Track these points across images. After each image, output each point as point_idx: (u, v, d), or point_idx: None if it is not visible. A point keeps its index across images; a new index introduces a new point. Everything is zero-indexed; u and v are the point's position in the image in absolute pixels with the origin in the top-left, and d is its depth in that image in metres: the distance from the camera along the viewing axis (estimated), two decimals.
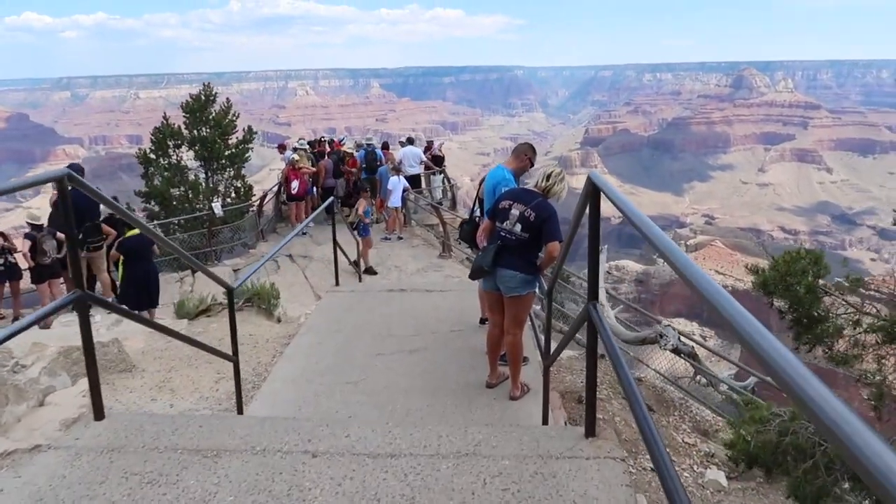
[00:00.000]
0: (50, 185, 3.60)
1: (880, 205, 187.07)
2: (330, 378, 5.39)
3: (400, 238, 14.49)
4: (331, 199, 8.16)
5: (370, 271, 11.78)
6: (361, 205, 12.03)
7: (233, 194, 15.87)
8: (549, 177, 4.75)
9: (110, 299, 8.79)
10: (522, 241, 4.63)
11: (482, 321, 6.51)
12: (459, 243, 6.20)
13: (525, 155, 5.39)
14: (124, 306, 9.12)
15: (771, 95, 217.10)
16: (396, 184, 14.08)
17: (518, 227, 4.61)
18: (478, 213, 6.08)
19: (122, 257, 8.41)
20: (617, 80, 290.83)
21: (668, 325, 6.77)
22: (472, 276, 5.05)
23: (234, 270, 12.88)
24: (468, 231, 6.22)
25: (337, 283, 8.09)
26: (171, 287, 11.95)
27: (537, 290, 4.94)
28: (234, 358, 4.60)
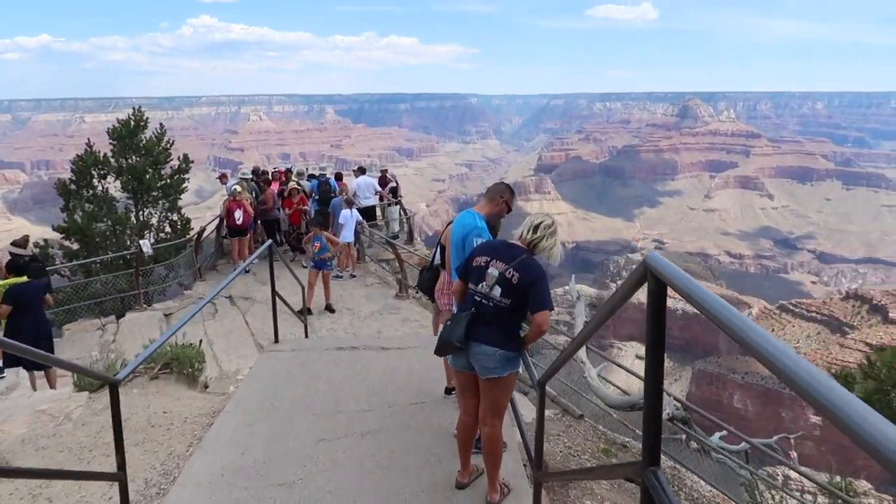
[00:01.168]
0: None
1: (818, 229, 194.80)
2: (257, 479, 4.22)
3: (353, 276, 13.35)
4: (269, 242, 7.00)
5: (330, 309, 11.09)
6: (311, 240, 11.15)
7: (167, 229, 14.45)
8: (535, 228, 3.77)
9: None
10: (502, 309, 3.66)
11: (448, 391, 5.44)
12: (417, 292, 5.20)
13: (501, 197, 4.39)
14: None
15: (715, 125, 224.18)
16: (349, 217, 12.98)
17: (497, 291, 3.64)
18: (438, 259, 5.09)
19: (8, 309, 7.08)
20: (569, 108, 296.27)
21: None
22: (439, 352, 4.00)
23: (166, 315, 11.52)
24: (428, 279, 5.23)
25: (276, 339, 6.92)
26: (90, 337, 10.54)
27: (520, 369, 3.91)
28: (119, 475, 3.41)
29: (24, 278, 7.58)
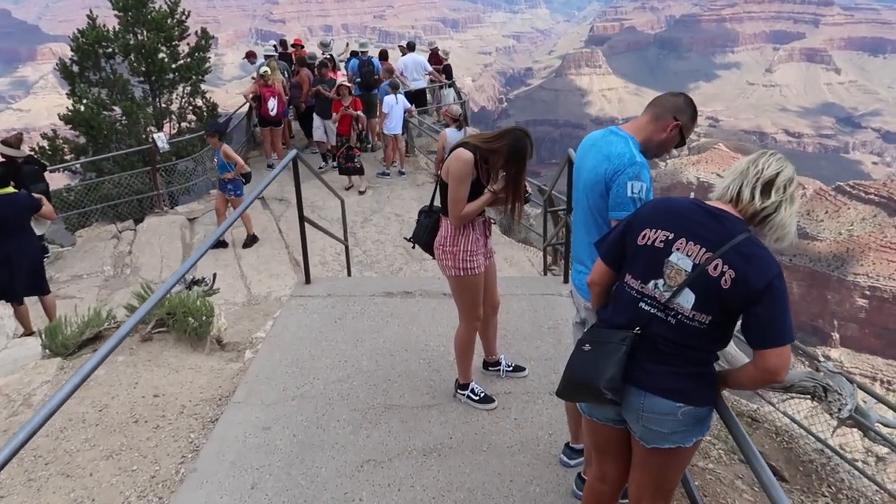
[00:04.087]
0: None
1: (887, 107, 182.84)
2: None
3: (402, 173, 11.61)
4: (293, 153, 5.21)
5: (252, 241, 9.02)
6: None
7: (191, 116, 12.71)
8: (769, 186, 2.02)
9: None
10: (694, 332, 2.02)
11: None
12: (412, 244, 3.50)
13: (674, 119, 2.54)
14: None
15: None
16: (394, 105, 11.07)
17: (688, 299, 2.00)
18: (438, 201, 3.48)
19: None
20: None
21: (839, 372, 4.09)
22: (566, 396, 2.34)
23: (190, 220, 10.10)
24: (425, 227, 3.54)
25: (307, 279, 5.35)
26: (103, 247, 9.21)
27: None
28: None
29: (10, 189, 6.09)
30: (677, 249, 2.00)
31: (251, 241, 9.00)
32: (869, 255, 71.21)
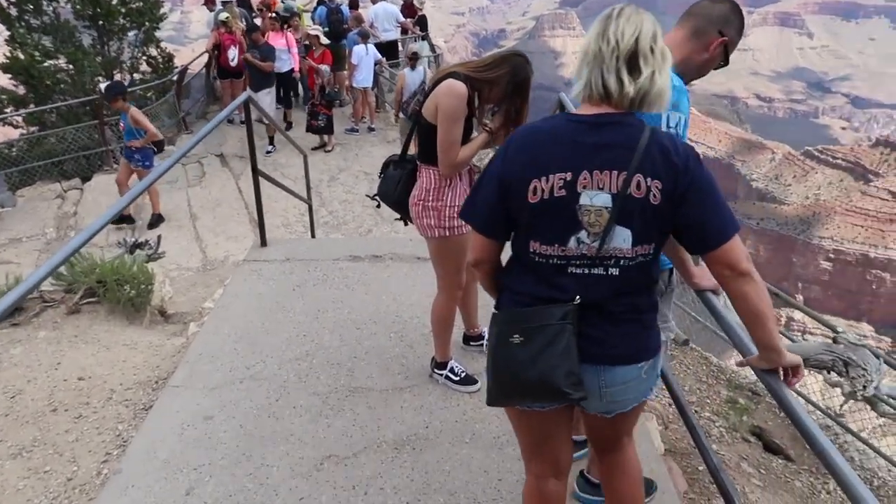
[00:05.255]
0: None
1: (857, 72, 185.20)
2: None
3: (371, 129, 10.93)
4: (246, 94, 4.54)
5: (157, 220, 7.79)
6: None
7: (145, 68, 11.78)
8: (637, 59, 1.58)
9: None
10: (642, 271, 1.67)
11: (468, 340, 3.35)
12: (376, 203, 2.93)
13: (718, 34, 2.04)
14: None
15: None
16: (363, 56, 10.35)
17: (625, 238, 1.60)
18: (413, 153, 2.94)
19: None
20: None
21: (862, 345, 3.65)
22: (504, 402, 1.86)
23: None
24: (398, 181, 2.97)
25: (263, 242, 4.75)
26: (46, 208, 8.44)
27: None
28: None
29: None
30: (584, 188, 1.56)
31: (157, 220, 7.80)
32: (834, 219, 72.39)
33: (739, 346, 1.86)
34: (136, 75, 11.69)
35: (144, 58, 11.83)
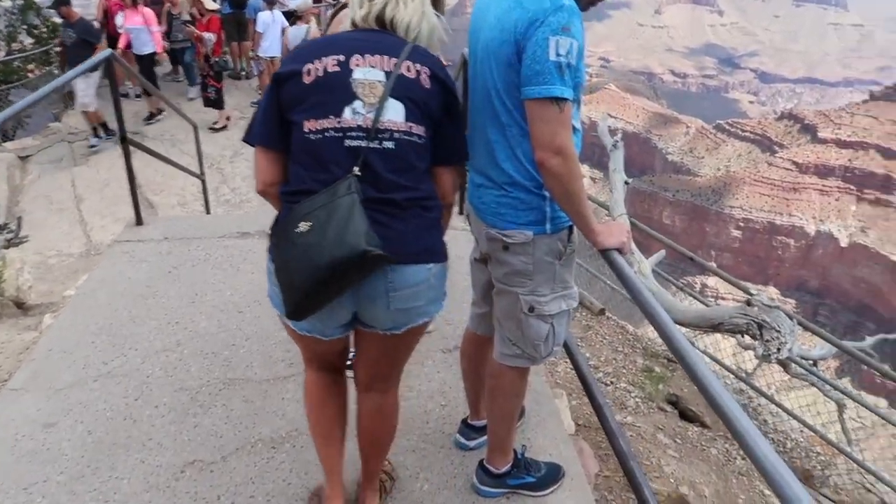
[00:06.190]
0: None
1: (763, 48, 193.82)
2: None
3: None
4: (107, 52, 4.02)
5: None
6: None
7: (24, 38, 10.73)
8: None
9: None
10: (417, 151, 1.67)
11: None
12: None
13: None
14: None
15: None
16: (270, 23, 9.71)
17: (398, 110, 1.62)
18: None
19: None
20: None
21: (775, 307, 3.54)
22: (308, 306, 1.60)
23: (21, 158, 8.49)
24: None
25: (138, 220, 4.26)
26: None
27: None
28: None
29: None
30: (357, 66, 1.60)
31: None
32: (743, 189, 75.56)
33: (648, 312, 1.61)
34: (14, 44, 10.64)
35: (25, 27, 10.78)
